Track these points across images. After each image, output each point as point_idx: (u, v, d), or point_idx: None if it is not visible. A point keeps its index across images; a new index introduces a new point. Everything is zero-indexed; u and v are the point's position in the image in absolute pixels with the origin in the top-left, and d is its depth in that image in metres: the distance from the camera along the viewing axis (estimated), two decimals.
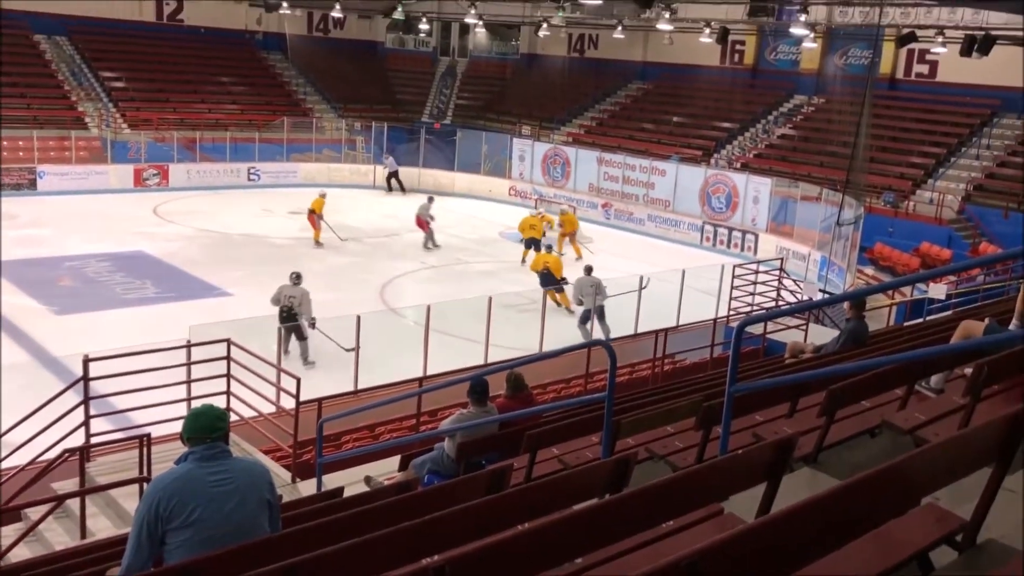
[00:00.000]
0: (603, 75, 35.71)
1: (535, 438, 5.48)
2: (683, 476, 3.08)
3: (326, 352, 12.93)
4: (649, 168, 27.75)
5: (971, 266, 16.85)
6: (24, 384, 10.94)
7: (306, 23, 37.45)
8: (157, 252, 19.96)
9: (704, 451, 4.81)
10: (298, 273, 13.74)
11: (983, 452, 2.70)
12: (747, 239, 24.56)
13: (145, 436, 7.18)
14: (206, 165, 29.23)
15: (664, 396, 6.81)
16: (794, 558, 2.32)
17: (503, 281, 19.30)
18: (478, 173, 31.45)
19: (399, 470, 6.93)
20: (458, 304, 14.94)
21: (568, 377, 11.74)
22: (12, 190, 25.32)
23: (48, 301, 15.69)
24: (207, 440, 3.43)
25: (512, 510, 3.43)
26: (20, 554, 6.47)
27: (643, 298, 14.60)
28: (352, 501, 4.86)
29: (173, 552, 3.29)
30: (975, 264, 17.43)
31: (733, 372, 4.03)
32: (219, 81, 33.39)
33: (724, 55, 32.38)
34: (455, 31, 39.60)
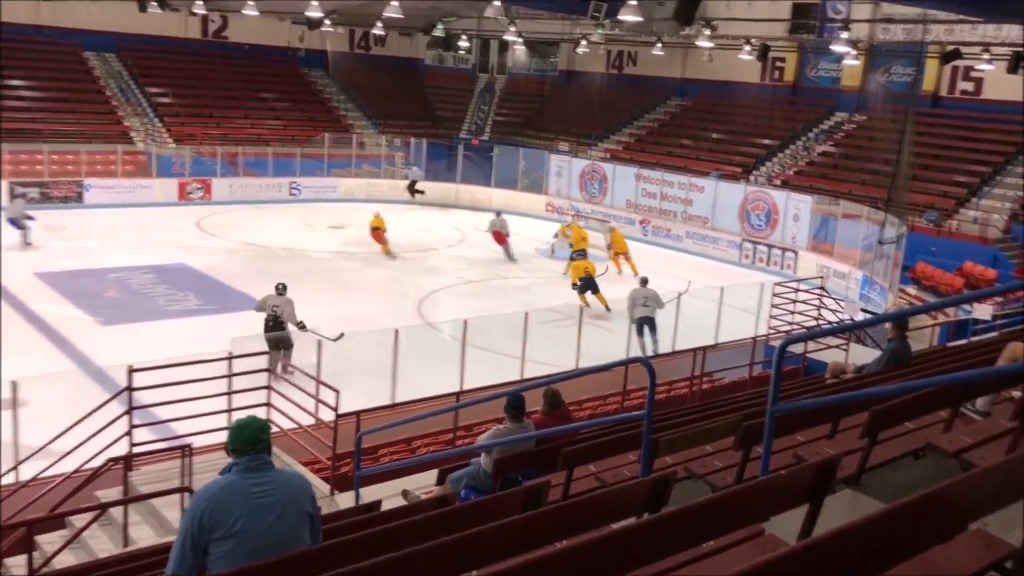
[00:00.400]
0: (642, 91, 35.69)
1: (572, 455, 5.47)
2: (724, 496, 3.05)
3: (363, 365, 12.98)
4: (688, 184, 27.64)
5: (1018, 287, 16.52)
6: (69, 393, 11.14)
7: (348, 40, 37.94)
8: (200, 265, 20.26)
9: (744, 471, 4.77)
10: (284, 284, 13.99)
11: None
12: (787, 257, 24.33)
13: (187, 446, 7.28)
14: (248, 179, 29.66)
15: (703, 415, 6.76)
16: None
17: (539, 296, 19.32)
18: (515, 189, 31.54)
19: (436, 484, 6.95)
20: (495, 319, 14.97)
21: (605, 394, 11.71)
22: (60, 203, 25.90)
23: (93, 312, 15.98)
24: (251, 452, 3.48)
25: (550, 527, 3.42)
26: (64, 560, 6.59)
27: (680, 315, 14.51)
28: (390, 515, 4.88)
29: (216, 562, 3.33)
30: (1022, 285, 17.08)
31: (775, 391, 3.99)
32: (262, 97, 33.91)
33: (764, 72, 32.21)
34: (494, 48, 39.87)
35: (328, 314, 16.15)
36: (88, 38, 31.48)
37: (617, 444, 5.96)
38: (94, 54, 31.69)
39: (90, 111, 29.80)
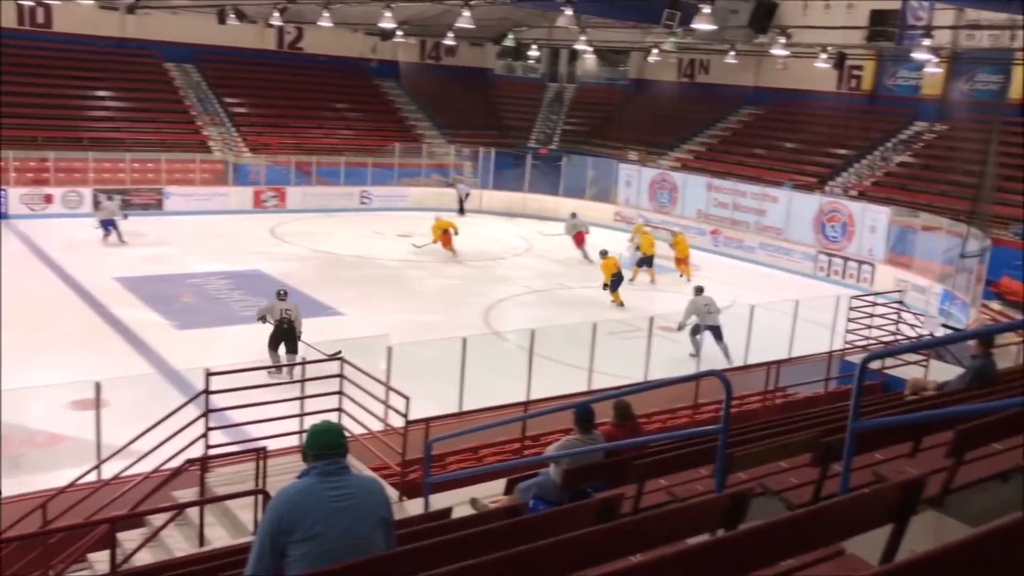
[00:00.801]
0: (713, 100, 35.31)
1: (643, 468, 5.40)
2: (804, 514, 2.98)
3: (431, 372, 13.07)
4: (761, 195, 27.22)
5: None
6: (147, 395, 11.48)
7: (419, 51, 38.41)
8: (273, 271, 20.69)
9: (821, 489, 4.65)
10: (285, 290, 14.63)
11: None
12: (863, 270, 23.76)
13: (261, 450, 7.41)
14: (321, 188, 30.23)
15: (777, 430, 6.62)
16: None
17: (606, 307, 19.22)
18: (583, 198, 31.48)
19: (504, 493, 6.94)
20: (561, 329, 14.95)
21: (674, 407, 11.57)
22: (141, 210, 26.73)
23: (171, 316, 16.44)
24: (329, 456, 3.52)
25: (624, 540, 3.38)
26: (143, 558, 6.77)
27: (753, 329, 14.26)
28: (461, 523, 4.89)
29: (293, 565, 3.37)
30: None
31: (856, 407, 3.89)
32: (335, 107, 34.53)
33: (840, 80, 31.53)
34: (564, 57, 39.93)
35: (396, 321, 16.37)
36: (169, 50, 32.51)
37: (689, 458, 5.87)
38: (174, 65, 32.70)
39: (170, 121, 30.74)
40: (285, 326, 13.78)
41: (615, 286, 19.54)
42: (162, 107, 31.09)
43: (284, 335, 13.75)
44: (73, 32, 30.57)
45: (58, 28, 30.47)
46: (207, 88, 32.85)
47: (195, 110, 31.76)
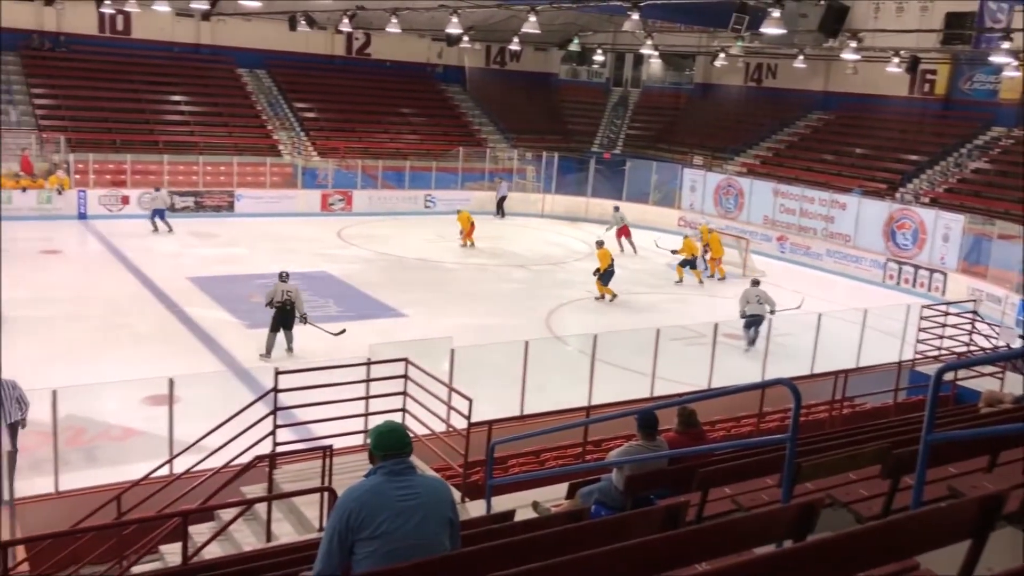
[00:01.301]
0: (781, 105, 34.75)
1: (708, 476, 5.36)
2: (877, 527, 2.92)
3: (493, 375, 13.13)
4: (829, 201, 26.72)
5: None
6: (217, 392, 11.75)
7: (484, 56, 38.63)
8: (339, 273, 21.01)
9: (892, 501, 4.55)
10: (287, 272, 15.23)
11: None
12: (935, 278, 23.14)
13: (328, 448, 7.54)
14: (386, 192, 30.61)
15: (846, 441, 6.49)
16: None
17: (669, 313, 19.08)
18: (647, 203, 31.28)
19: (566, 498, 6.94)
20: (624, 335, 14.87)
21: (738, 415, 11.43)
22: (213, 211, 27.43)
23: (241, 315, 16.80)
24: (396, 456, 3.58)
25: (689, 548, 3.36)
26: (212, 551, 6.94)
27: (820, 337, 14.00)
28: (524, 526, 4.91)
29: (360, 562, 3.43)
30: None
31: (930, 419, 3.80)
32: (400, 112, 34.92)
33: (913, 85, 30.74)
34: (629, 62, 39.73)
35: (458, 324, 16.48)
36: (242, 56, 33.28)
37: (755, 467, 5.80)
38: (247, 71, 33.45)
39: (242, 125, 31.45)
40: (288, 308, 14.51)
41: (607, 279, 19.91)
42: (234, 112, 31.83)
43: (284, 316, 14.52)
44: (151, 39, 31.52)
45: (137, 35, 31.43)
46: (278, 93, 33.54)
47: (266, 115, 32.44)
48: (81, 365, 13.31)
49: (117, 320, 16.10)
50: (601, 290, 20.02)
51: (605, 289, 20.00)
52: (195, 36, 32.67)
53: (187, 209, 27.11)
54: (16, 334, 14.87)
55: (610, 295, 19.98)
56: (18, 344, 14.32)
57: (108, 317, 16.25)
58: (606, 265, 19.93)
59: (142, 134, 28.77)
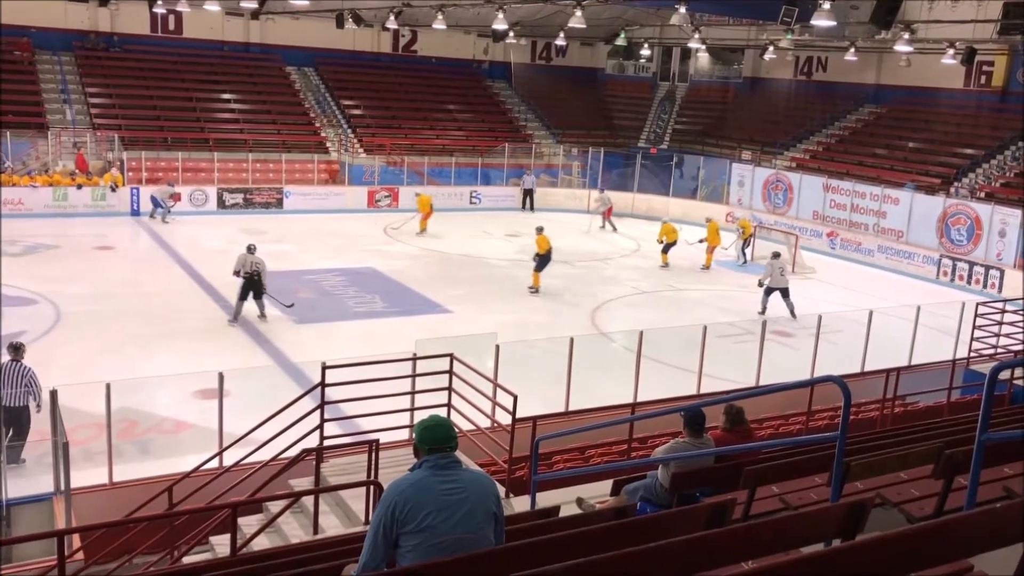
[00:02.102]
0: (831, 98, 34.19)
1: (755, 474, 5.30)
2: (929, 527, 2.87)
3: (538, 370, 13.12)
4: (881, 196, 26.23)
5: None
6: (266, 386, 11.94)
7: (530, 52, 38.60)
8: (386, 269, 21.16)
9: (945, 502, 4.46)
10: (254, 244, 16.60)
11: None
12: (991, 275, 22.60)
13: (374, 442, 7.60)
14: (432, 188, 30.70)
15: (897, 440, 6.38)
16: None
17: (716, 310, 18.91)
18: (694, 199, 31.00)
19: (611, 495, 6.91)
20: (670, 331, 14.77)
21: (787, 413, 11.28)
22: (262, 208, 27.81)
23: (289, 311, 17.01)
24: (441, 450, 3.59)
25: (735, 546, 3.32)
26: (261, 543, 7.04)
27: (872, 334, 13.75)
28: (569, 521, 4.90)
29: (405, 555, 3.45)
30: None
31: (985, 418, 3.71)
32: (446, 108, 35.05)
33: (969, 77, 30.03)
34: (676, 56, 39.38)
35: (503, 320, 16.51)
36: (289, 54, 33.68)
37: (803, 466, 5.73)
38: (295, 69, 33.85)
39: (290, 123, 31.83)
40: (256, 278, 15.93)
41: (542, 265, 19.81)
42: (283, 109, 32.22)
43: (253, 285, 15.97)
44: (202, 38, 32.08)
45: (188, 34, 32.00)
46: (325, 91, 33.88)
47: (313, 112, 32.79)
48: (134, 359, 13.60)
49: (169, 315, 16.41)
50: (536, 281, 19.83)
51: (536, 278, 19.83)
52: (244, 35, 33.15)
53: (237, 206, 27.54)
54: (72, 328, 15.32)
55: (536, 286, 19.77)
56: (74, 338, 14.76)
57: (160, 312, 16.56)
58: (544, 250, 19.72)
59: (193, 132, 29.27)
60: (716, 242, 23.45)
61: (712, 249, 23.42)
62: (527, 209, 30.73)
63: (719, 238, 23.62)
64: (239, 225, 25.15)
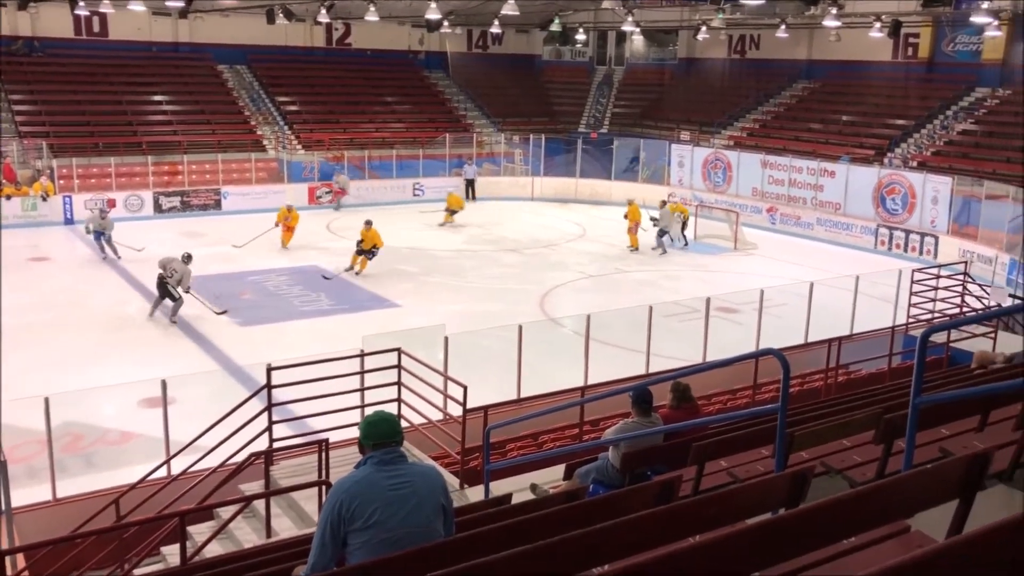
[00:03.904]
0: (766, 76, 34.69)
1: (703, 450, 5.37)
2: (866, 491, 2.93)
3: (488, 360, 13.14)
4: (817, 170, 26.72)
5: None
6: (212, 391, 11.74)
7: (466, 40, 38.44)
8: (330, 266, 20.94)
9: (885, 466, 4.57)
10: (190, 255, 16.78)
11: None
12: (926, 242, 23.19)
13: (324, 442, 7.53)
14: (374, 182, 30.50)
15: (839, 408, 6.51)
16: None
17: (662, 290, 19.09)
18: (636, 181, 31.23)
19: (564, 479, 6.96)
20: (617, 314, 14.87)
21: (734, 388, 11.45)
22: (200, 210, 27.32)
23: (233, 313, 16.76)
24: (386, 445, 3.57)
25: (683, 522, 3.36)
26: (213, 550, 6.94)
27: (813, 306, 14.02)
28: (521, 508, 4.91)
29: (354, 553, 3.43)
30: None
31: (918, 383, 3.80)
32: (384, 101, 34.77)
33: (896, 49, 30.70)
34: (611, 40, 39.57)
35: (452, 311, 16.47)
36: (221, 52, 33.05)
37: (749, 439, 5.82)
38: (227, 67, 33.24)
39: (225, 122, 31.29)
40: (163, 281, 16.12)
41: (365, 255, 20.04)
42: (216, 109, 31.65)
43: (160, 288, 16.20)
44: (128, 39, 31.29)
45: (114, 36, 31.19)
46: (259, 88, 33.35)
47: (248, 110, 32.27)
48: (76, 371, 13.28)
49: (110, 324, 16.06)
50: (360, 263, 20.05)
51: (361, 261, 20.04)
52: (173, 34, 32.44)
53: (174, 209, 27.01)
54: (9, 343, 14.87)
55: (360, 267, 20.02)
56: (12, 352, 14.34)
57: (100, 322, 16.21)
58: (370, 246, 20.03)
59: (125, 136, 28.61)
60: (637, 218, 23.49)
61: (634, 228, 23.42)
62: (470, 199, 30.67)
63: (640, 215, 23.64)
64: (178, 229, 24.70)
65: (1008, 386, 4.54)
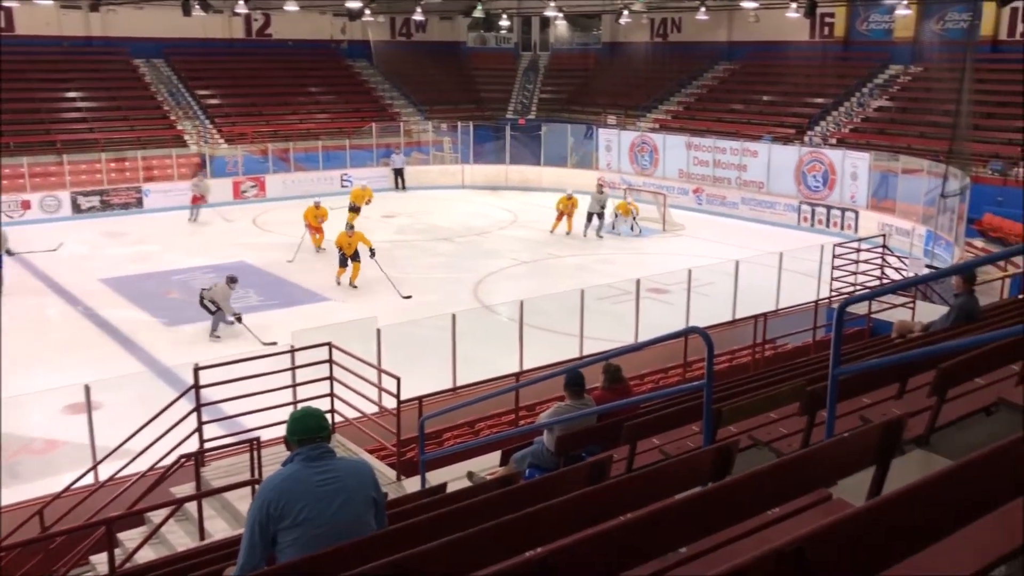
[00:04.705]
0: (688, 58, 35.16)
1: (634, 429, 5.44)
2: (788, 461, 3.00)
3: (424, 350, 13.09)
4: (740, 150, 27.19)
5: None
6: (139, 394, 11.45)
7: (389, 29, 38.07)
8: (258, 262, 20.59)
9: (810, 436, 4.69)
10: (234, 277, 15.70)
11: None
12: (847, 217, 23.82)
13: (255, 440, 7.42)
14: (300, 174, 30.02)
15: (766, 382, 6.66)
16: (907, 542, 2.23)
17: (594, 273, 19.24)
18: (565, 166, 31.38)
19: (500, 465, 6.98)
20: (551, 299, 14.96)
21: (666, 367, 11.63)
22: (121, 209, 26.56)
23: (158, 314, 16.37)
24: (312, 441, 3.53)
25: (614, 501, 3.40)
26: (145, 556, 6.79)
27: (740, 283, 14.31)
28: (455, 496, 4.91)
29: (284, 551, 3.39)
30: None
31: (836, 354, 3.91)
32: (308, 92, 34.23)
33: (813, 29, 31.42)
34: (536, 26, 39.62)
35: (386, 302, 16.36)
36: (136, 45, 32.12)
37: (679, 416, 5.91)
38: (143, 61, 32.33)
39: (143, 117, 30.43)
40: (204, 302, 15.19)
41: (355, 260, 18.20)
42: (134, 104, 30.75)
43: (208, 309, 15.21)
44: (36, 34, 30.15)
45: (21, 31, 30.02)
46: (178, 82, 32.52)
47: (167, 105, 31.45)
48: None
49: (31, 330, 15.53)
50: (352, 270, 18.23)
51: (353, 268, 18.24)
52: (85, 28, 31.39)
53: (93, 209, 26.20)
54: None
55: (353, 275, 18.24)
56: None
57: (20, 327, 15.65)
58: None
59: (38, 135, 27.63)
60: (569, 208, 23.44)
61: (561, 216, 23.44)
62: (399, 188, 30.44)
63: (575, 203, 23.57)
64: (98, 228, 24.01)
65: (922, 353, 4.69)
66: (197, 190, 25.74)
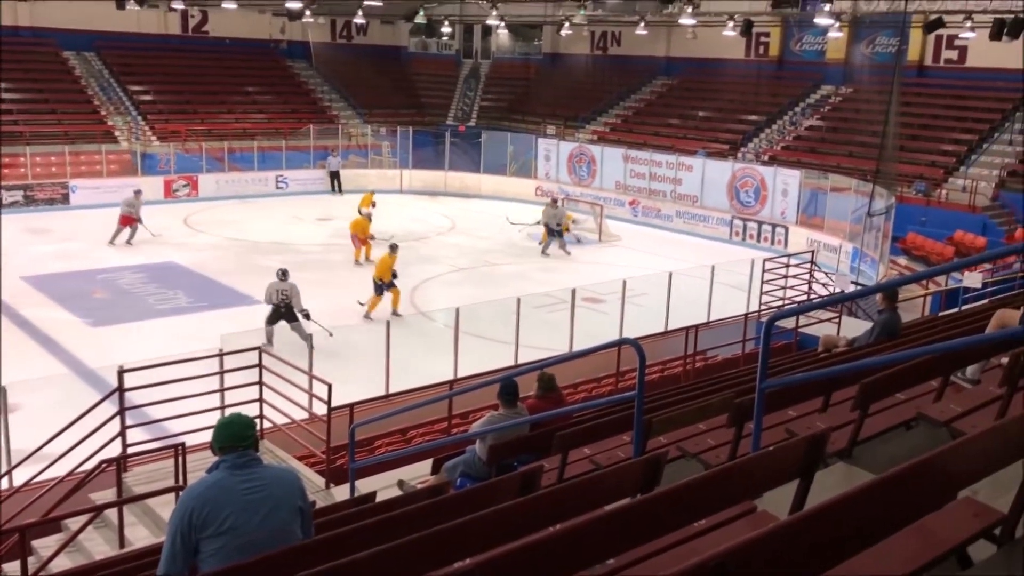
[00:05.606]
0: (627, 72, 35.59)
1: (566, 438, 5.46)
2: (715, 474, 3.04)
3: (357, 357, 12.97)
4: (676, 164, 27.59)
5: (1007, 253, 16.61)
6: (60, 396, 11.08)
7: (329, 30, 37.72)
8: (188, 262, 20.16)
9: (737, 448, 4.76)
10: (284, 269, 14.62)
11: (1020, 443, 2.64)
12: (777, 232, 24.34)
13: (180, 445, 7.25)
14: (234, 175, 29.50)
15: (696, 393, 6.75)
16: (829, 555, 2.28)
17: (531, 282, 19.30)
18: (504, 175, 31.45)
19: (431, 474, 6.94)
20: (487, 306, 14.95)
21: (599, 376, 11.71)
22: (46, 205, 25.74)
23: (83, 314, 15.89)
24: (238, 448, 3.46)
25: (544, 512, 3.41)
26: (61, 564, 6.56)
27: (672, 295, 14.50)
28: (385, 505, 4.87)
29: (207, 560, 3.31)
30: (1011, 251, 17.13)
31: (763, 367, 3.98)
32: (245, 91, 33.69)
33: (749, 48, 32.14)
34: (477, 33, 39.68)
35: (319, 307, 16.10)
36: (66, 37, 31.21)
37: (611, 426, 5.96)
38: (73, 53, 31.43)
39: (72, 111, 29.57)
40: (283, 308, 14.19)
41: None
42: (62, 98, 29.87)
43: (281, 316, 14.22)
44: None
45: None
46: (109, 76, 31.69)
47: (98, 99, 30.61)
48: None
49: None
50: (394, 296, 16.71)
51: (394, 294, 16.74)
52: (12, 18, 30.33)
53: (16, 204, 25.33)
54: None
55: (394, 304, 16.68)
56: None
57: None
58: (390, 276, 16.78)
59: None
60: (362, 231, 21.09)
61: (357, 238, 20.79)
62: (336, 192, 30.11)
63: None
64: (21, 225, 23.18)
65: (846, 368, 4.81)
66: (131, 210, 22.01)
